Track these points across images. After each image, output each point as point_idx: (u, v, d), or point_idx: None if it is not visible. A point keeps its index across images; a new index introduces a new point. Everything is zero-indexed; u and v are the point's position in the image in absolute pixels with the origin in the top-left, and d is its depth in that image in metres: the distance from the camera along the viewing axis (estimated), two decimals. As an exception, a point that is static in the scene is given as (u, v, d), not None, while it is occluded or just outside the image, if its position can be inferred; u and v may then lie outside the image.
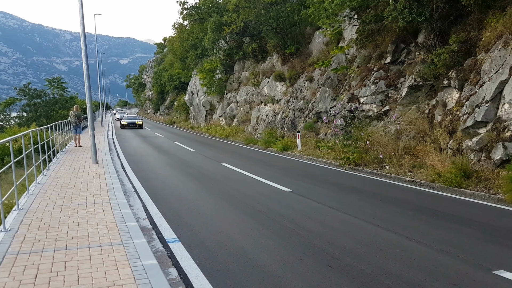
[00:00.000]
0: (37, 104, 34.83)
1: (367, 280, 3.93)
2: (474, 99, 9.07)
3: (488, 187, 7.64)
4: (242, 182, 9.47)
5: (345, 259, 4.47)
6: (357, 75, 13.95)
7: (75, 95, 44.93)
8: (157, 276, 3.81)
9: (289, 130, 17.66)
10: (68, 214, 6.10)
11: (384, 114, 12.38)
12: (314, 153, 13.50)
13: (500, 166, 8.03)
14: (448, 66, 9.98)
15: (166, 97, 55.49)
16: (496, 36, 9.18)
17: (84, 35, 11.87)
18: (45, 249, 4.61)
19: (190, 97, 36.71)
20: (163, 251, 4.80)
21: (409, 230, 5.47)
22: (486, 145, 8.46)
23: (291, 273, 4.11)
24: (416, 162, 9.74)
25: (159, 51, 71.25)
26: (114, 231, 5.24)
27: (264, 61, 23.13)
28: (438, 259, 4.44)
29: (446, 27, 10.79)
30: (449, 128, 9.73)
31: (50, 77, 42.38)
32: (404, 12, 10.38)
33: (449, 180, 8.04)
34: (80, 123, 17.39)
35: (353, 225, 5.82)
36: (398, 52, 12.79)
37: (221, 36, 25.66)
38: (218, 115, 29.43)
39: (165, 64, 53.87)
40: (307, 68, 18.46)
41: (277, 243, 5.05)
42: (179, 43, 41.28)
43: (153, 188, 8.71)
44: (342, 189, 8.57)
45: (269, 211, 6.65)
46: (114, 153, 15.92)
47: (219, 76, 29.08)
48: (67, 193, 7.70)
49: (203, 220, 6.18)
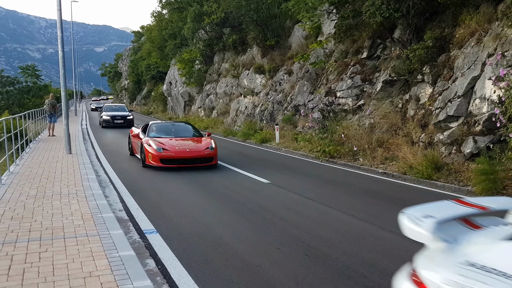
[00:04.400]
0: (10, 92, 33.62)
1: (342, 268, 4.06)
2: (447, 94, 9.37)
3: (458, 180, 7.95)
4: (221, 173, 9.49)
5: (321, 248, 4.59)
6: (334, 69, 14.12)
7: (49, 83, 43.52)
8: (135, 267, 3.80)
9: (268, 122, 17.74)
10: (42, 205, 5.97)
11: (359, 108, 12.63)
12: (291, 146, 13.65)
13: (470, 160, 8.37)
14: (422, 61, 10.25)
15: (143, 87, 54.43)
16: (470, 33, 9.49)
17: (61, 22, 11.57)
18: (19, 239, 4.51)
19: (168, 88, 36.18)
20: (140, 242, 4.77)
21: (382, 220, 5.65)
22: (457, 138, 8.79)
23: (269, 262, 4.19)
24: (389, 154, 10.02)
25: (136, 40, 69.62)
26: (89, 222, 5.17)
27: (244, 53, 23.03)
28: (410, 248, 4.60)
29: (421, 23, 11.06)
30: (421, 122, 10.04)
31: (24, 64, 40.89)
32: (381, 7, 10.57)
33: (421, 172, 8.32)
34: (55, 112, 16.90)
35: (328, 215, 5.96)
36: (375, 48, 13.02)
37: (201, 26, 25.35)
38: (197, 106, 29.17)
39: (142, 53, 52.71)
40: (287, 61, 18.54)
41: (255, 233, 5.12)
42: (157, 31, 40.56)
43: (129, 179, 8.60)
44: (318, 181, 8.73)
45: (248, 202, 6.71)
46: (88, 143, 15.58)
47: (199, 66, 28.77)
48: (41, 183, 7.52)
49: (181, 211, 6.17)
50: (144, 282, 3.50)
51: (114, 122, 22.96)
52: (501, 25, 8.64)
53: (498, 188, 6.94)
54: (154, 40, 43.28)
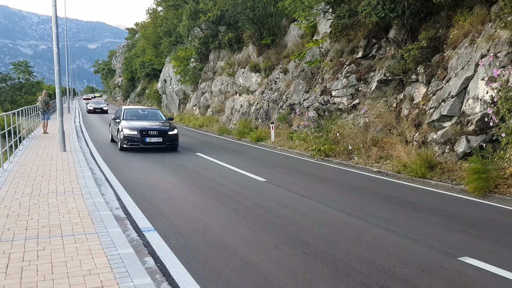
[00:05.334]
0: (2, 88, 33.23)
1: (340, 265, 4.11)
2: (441, 94, 9.48)
3: (451, 178, 8.06)
4: (217, 172, 9.50)
5: (319, 246, 4.64)
6: (330, 68, 14.19)
7: (41, 80, 43.10)
8: (135, 265, 3.81)
9: (263, 121, 17.76)
10: (38, 203, 5.94)
11: (354, 107, 12.71)
12: (287, 144, 13.69)
13: (463, 159, 8.48)
14: (417, 61, 10.35)
15: (137, 84, 54.12)
16: (463, 34, 9.60)
17: (55, 18, 11.48)
18: (16, 238, 4.49)
19: (163, 85, 36.03)
20: (139, 240, 4.78)
21: (378, 218, 5.72)
22: (450, 138, 8.90)
23: (267, 260, 4.22)
24: (383, 153, 10.12)
25: (130, 37, 69.23)
26: (87, 220, 5.16)
27: (240, 51, 23.01)
28: (406, 246, 4.69)
29: (416, 23, 11.16)
30: (415, 121, 10.14)
31: (16, 60, 40.43)
32: (377, 8, 10.64)
33: (414, 171, 8.42)
34: (49, 109, 16.75)
35: (325, 213, 6.01)
36: (370, 47, 13.11)
37: (197, 24, 25.27)
38: (191, 104, 29.09)
39: (137, 50, 52.43)
40: (282, 60, 18.57)
41: (253, 231, 5.16)
42: (152, 29, 40.36)
43: (125, 177, 8.58)
44: (314, 179, 8.79)
45: (245, 200, 6.74)
46: (82, 140, 15.49)
47: (194, 64, 28.68)
48: (36, 181, 7.47)
49: (178, 209, 6.18)
50: (144, 279, 3.51)
51: (146, 141, 12.31)
52: (494, 27, 8.75)
53: (490, 187, 7.06)
54: (149, 38, 43.08)
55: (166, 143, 12.41)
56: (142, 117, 13.92)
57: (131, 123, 12.73)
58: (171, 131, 12.60)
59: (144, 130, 12.27)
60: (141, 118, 13.65)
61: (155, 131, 12.38)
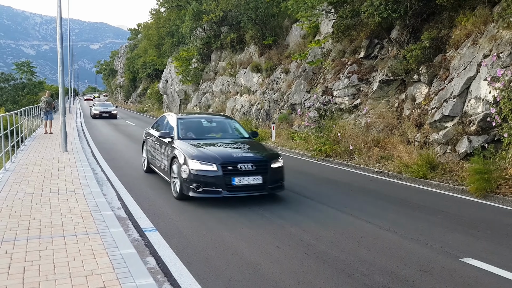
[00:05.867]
0: (4, 88, 33.31)
1: (342, 266, 4.11)
2: (443, 94, 9.46)
3: (453, 179, 8.04)
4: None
5: (320, 246, 4.64)
6: (331, 68, 14.18)
7: (43, 80, 43.21)
8: (137, 265, 3.82)
9: (264, 121, 17.76)
10: (40, 203, 5.95)
11: (355, 108, 12.70)
12: (287, 144, 13.69)
13: (465, 159, 8.46)
14: (419, 61, 10.34)
15: (139, 85, 54.21)
16: (466, 35, 9.58)
17: (60, 19, 11.57)
18: (18, 237, 4.50)
19: (164, 86, 36.07)
20: (140, 240, 4.78)
21: (379, 219, 5.71)
22: (452, 138, 8.88)
23: (269, 260, 4.22)
24: (384, 154, 10.10)
25: (132, 37, 69.32)
26: (89, 220, 5.17)
27: (242, 52, 23.03)
28: (408, 247, 4.68)
29: (418, 24, 11.15)
30: (417, 121, 10.12)
31: (18, 61, 40.53)
32: (380, 8, 10.63)
33: (416, 172, 8.40)
34: (51, 109, 16.80)
35: (326, 214, 6.00)
36: (372, 47, 13.09)
37: (199, 24, 25.32)
38: (193, 104, 29.12)
39: (139, 50, 52.49)
40: (284, 60, 18.57)
41: (254, 232, 5.15)
42: (155, 29, 40.42)
43: (127, 176, 8.59)
44: (315, 179, 8.78)
45: (245, 200, 6.72)
46: (84, 140, 15.51)
47: (195, 65, 28.72)
48: (38, 180, 7.48)
49: (179, 209, 6.18)
50: (146, 280, 3.51)
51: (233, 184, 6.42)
52: (497, 27, 8.73)
53: (492, 187, 7.03)
54: (151, 38, 43.13)
55: (269, 185, 6.63)
56: (209, 132, 8.06)
57: (201, 148, 6.80)
58: (274, 163, 6.85)
59: (230, 163, 6.42)
60: (208, 136, 7.82)
61: (248, 164, 6.48)
